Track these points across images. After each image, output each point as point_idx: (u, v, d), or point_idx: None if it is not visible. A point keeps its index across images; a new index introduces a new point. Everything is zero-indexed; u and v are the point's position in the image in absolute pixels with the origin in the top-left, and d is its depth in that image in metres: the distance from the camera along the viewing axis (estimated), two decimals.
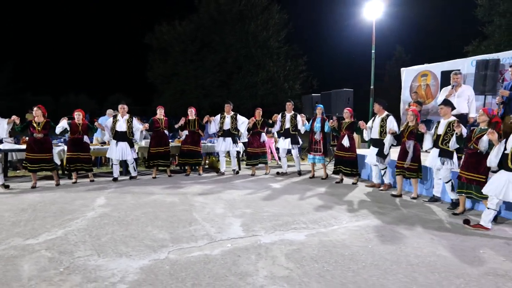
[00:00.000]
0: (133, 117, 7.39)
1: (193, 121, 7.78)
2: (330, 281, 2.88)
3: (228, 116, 8.01)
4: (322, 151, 7.36)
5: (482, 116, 4.43)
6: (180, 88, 21.88)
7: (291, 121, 7.76)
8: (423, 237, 3.95)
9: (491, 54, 7.49)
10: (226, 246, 3.62)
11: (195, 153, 7.87)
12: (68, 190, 6.24)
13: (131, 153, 7.31)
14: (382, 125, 6.23)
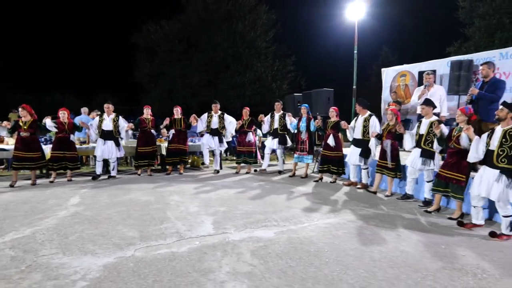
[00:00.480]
0: (119, 116, 7.38)
1: (179, 120, 7.82)
2: (291, 276, 2.93)
3: (215, 115, 8.08)
4: (307, 151, 7.40)
5: (460, 116, 4.53)
6: (167, 87, 21.76)
7: (280, 121, 7.84)
8: (390, 233, 4.04)
9: (465, 55, 7.65)
10: (194, 244, 3.64)
11: (183, 152, 7.94)
12: (43, 190, 6.17)
13: (117, 152, 7.31)
14: (365, 125, 6.29)
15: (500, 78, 5.19)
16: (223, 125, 8.08)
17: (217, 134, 8.04)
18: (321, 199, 5.66)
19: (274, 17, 22.88)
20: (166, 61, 21.54)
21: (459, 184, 4.48)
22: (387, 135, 5.72)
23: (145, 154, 7.63)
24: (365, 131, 6.29)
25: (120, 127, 7.28)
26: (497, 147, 3.88)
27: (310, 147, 7.42)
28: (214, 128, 8.01)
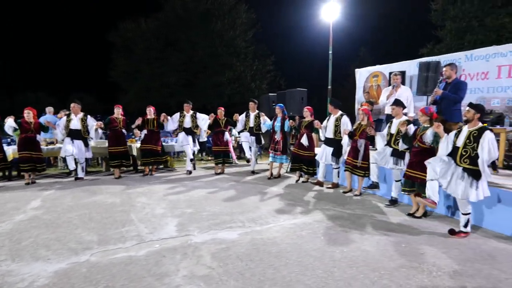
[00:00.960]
0: (87, 115, 7.15)
1: (152, 120, 7.67)
2: (248, 278, 2.89)
3: (188, 115, 7.98)
4: (281, 151, 7.34)
5: (422, 117, 4.62)
6: (144, 86, 21.38)
7: (255, 120, 7.85)
8: (354, 233, 4.06)
9: (433, 57, 7.84)
10: (154, 247, 3.55)
11: (155, 152, 7.77)
12: (2, 193, 5.91)
13: (85, 152, 7.09)
14: (337, 125, 6.32)
15: (462, 80, 5.32)
16: (196, 124, 7.98)
17: (190, 134, 7.95)
18: (291, 199, 5.65)
19: (254, 17, 22.91)
20: (143, 60, 21.16)
21: (423, 183, 4.51)
22: (361, 135, 5.75)
23: (118, 154, 7.42)
24: (337, 130, 6.32)
25: (89, 126, 7.07)
26: (461, 147, 3.93)
27: (284, 147, 7.35)
28: (187, 127, 7.91)
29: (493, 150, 3.69)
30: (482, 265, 3.24)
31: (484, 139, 3.72)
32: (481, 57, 7.10)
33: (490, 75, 6.97)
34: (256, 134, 7.91)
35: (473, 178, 3.77)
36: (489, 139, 3.71)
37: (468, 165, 3.83)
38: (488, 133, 3.75)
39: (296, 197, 5.82)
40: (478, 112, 3.87)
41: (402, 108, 5.29)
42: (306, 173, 7.04)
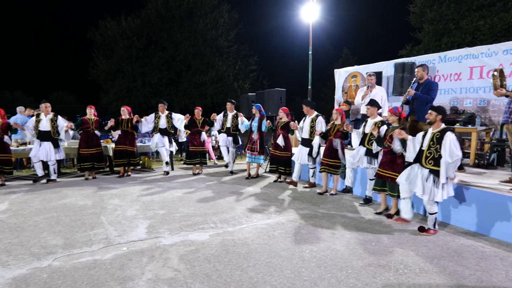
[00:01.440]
0: (57, 116, 6.92)
1: (126, 120, 7.53)
2: (214, 280, 2.85)
3: (163, 115, 7.86)
4: (258, 151, 7.31)
5: (391, 116, 4.73)
6: (125, 85, 20.98)
7: (233, 120, 7.83)
8: (325, 232, 4.08)
9: (409, 58, 7.98)
10: (121, 250, 3.47)
11: (130, 153, 7.61)
12: None
13: (55, 154, 6.84)
14: (312, 125, 6.36)
15: (433, 80, 5.43)
16: (172, 125, 7.89)
17: (166, 134, 7.85)
18: (267, 200, 5.64)
19: (237, 17, 22.83)
20: (124, 59, 20.77)
21: (394, 183, 4.58)
22: (336, 134, 5.81)
23: (88, 156, 7.22)
24: (312, 131, 6.37)
25: (59, 127, 6.83)
26: (426, 149, 4.02)
27: (261, 147, 7.35)
28: (163, 128, 7.81)
29: (455, 150, 3.74)
30: (448, 262, 3.30)
31: (446, 140, 3.79)
32: (454, 58, 7.27)
33: (463, 76, 7.15)
34: (233, 135, 7.90)
35: (438, 178, 3.87)
36: (450, 139, 3.78)
37: (433, 166, 3.93)
38: (449, 134, 3.83)
39: (271, 197, 5.81)
40: (440, 114, 3.97)
41: (377, 108, 5.32)
42: (282, 173, 7.04)
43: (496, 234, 3.98)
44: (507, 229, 3.87)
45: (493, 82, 4.19)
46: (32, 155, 6.73)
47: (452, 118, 6.65)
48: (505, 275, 3.07)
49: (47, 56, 35.23)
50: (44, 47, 36.06)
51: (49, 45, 35.79)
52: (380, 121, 5.11)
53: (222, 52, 22.25)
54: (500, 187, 4.36)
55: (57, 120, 6.83)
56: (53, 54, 35.29)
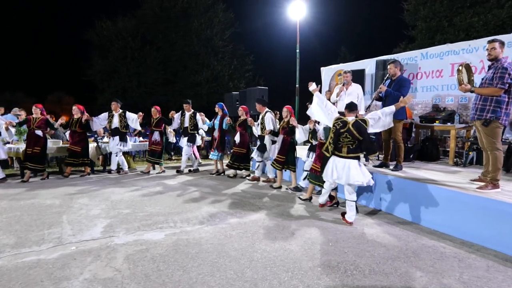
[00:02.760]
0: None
1: (76, 120, 7.33)
2: (152, 281, 2.79)
3: (116, 114, 7.71)
4: (216, 147, 7.65)
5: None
6: (121, 86, 21.04)
7: (190, 120, 7.86)
8: (285, 232, 3.99)
9: (391, 55, 7.86)
10: (69, 249, 3.41)
11: (77, 153, 7.38)
12: None
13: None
14: (262, 122, 6.67)
15: (405, 77, 5.31)
16: (125, 124, 7.68)
17: (118, 134, 7.65)
18: (237, 199, 5.57)
19: (232, 16, 22.78)
20: (119, 59, 20.83)
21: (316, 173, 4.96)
22: (281, 130, 6.17)
23: (29, 156, 6.90)
24: (263, 127, 6.65)
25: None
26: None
27: (221, 144, 7.64)
28: (115, 127, 7.63)
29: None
30: (402, 263, 3.21)
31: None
32: (435, 55, 7.16)
33: (444, 73, 7.04)
34: (191, 134, 7.97)
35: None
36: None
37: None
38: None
39: (243, 197, 5.74)
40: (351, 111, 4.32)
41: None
42: (236, 168, 7.29)
43: (460, 234, 3.88)
44: (471, 229, 3.76)
45: (458, 77, 4.08)
46: None
47: (431, 115, 6.53)
48: (458, 277, 2.97)
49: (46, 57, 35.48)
50: (43, 48, 36.30)
51: (48, 46, 36.01)
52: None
53: (218, 51, 22.24)
54: (467, 185, 4.26)
55: None
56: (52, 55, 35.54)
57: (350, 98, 5.95)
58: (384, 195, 4.88)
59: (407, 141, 6.82)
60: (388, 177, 4.87)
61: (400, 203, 4.64)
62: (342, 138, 4.18)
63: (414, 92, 7.55)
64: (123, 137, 7.69)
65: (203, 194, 5.84)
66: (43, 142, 7.05)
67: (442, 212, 4.09)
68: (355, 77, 8.15)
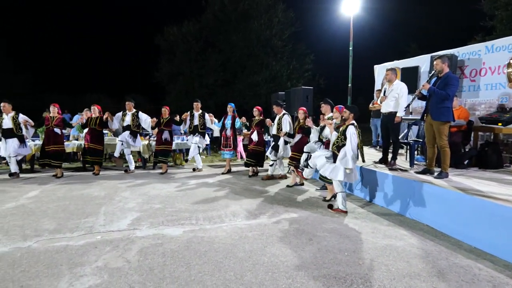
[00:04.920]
0: (19, 114, 7.32)
1: (95, 119, 7.72)
2: (153, 275, 2.91)
3: (129, 113, 7.97)
4: (232, 147, 7.92)
5: (335, 113, 5.31)
6: (184, 87, 22.25)
7: (200, 119, 8.04)
8: (303, 237, 3.85)
9: (449, 50, 7.06)
10: (95, 238, 3.72)
11: (96, 151, 7.75)
12: (14, 183, 6.64)
13: (20, 149, 7.31)
14: (279, 123, 6.99)
15: (453, 74, 4.70)
16: (137, 123, 7.92)
17: (130, 133, 7.91)
18: (267, 199, 5.51)
19: (292, 15, 22.57)
20: (183, 61, 22.04)
21: None
22: (298, 130, 6.45)
23: (47, 153, 7.39)
24: (279, 128, 6.97)
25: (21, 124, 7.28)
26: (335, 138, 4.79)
27: (234, 143, 7.94)
28: (126, 125, 7.90)
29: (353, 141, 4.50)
30: (420, 283, 2.88)
31: (348, 132, 4.53)
32: (503, 48, 6.27)
33: None
34: (201, 133, 8.11)
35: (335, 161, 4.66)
36: (350, 132, 4.51)
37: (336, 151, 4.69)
38: (351, 127, 4.56)
39: (273, 198, 5.66)
40: (352, 113, 4.68)
41: (330, 106, 5.88)
42: (252, 165, 7.56)
43: (505, 255, 3.35)
44: None
45: (508, 73, 3.50)
46: (1, 154, 7.27)
47: (493, 117, 5.75)
48: None
49: (123, 61, 39.42)
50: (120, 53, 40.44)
51: (125, 51, 40.00)
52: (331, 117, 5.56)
53: (277, 51, 22.23)
54: None
55: (18, 117, 7.24)
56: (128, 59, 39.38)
57: (389, 99, 5.51)
58: (422, 204, 4.42)
59: (464, 146, 6.09)
60: (427, 185, 4.40)
61: (439, 214, 4.16)
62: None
63: (477, 91, 6.69)
64: (135, 135, 7.98)
65: (235, 194, 5.90)
66: (61, 139, 7.66)
67: (486, 229, 3.57)
68: (408, 74, 7.59)
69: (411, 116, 6.97)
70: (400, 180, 4.90)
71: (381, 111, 5.79)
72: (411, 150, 5.80)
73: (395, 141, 5.64)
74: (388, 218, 4.62)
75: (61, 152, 7.61)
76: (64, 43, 38.28)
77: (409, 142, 5.99)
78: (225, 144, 7.95)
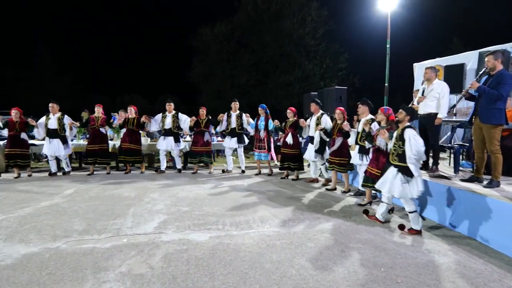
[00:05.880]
0: (64, 114, 7.54)
1: (132, 119, 7.80)
2: (176, 284, 2.79)
3: (169, 115, 7.99)
4: (266, 148, 7.73)
5: (379, 115, 4.77)
6: (217, 87, 22.42)
7: (237, 120, 7.88)
8: (335, 249, 3.59)
9: (502, 45, 6.43)
10: (121, 241, 3.69)
11: (134, 151, 7.85)
12: (51, 181, 6.88)
13: (64, 149, 7.51)
14: (318, 123, 6.59)
15: (507, 72, 4.21)
16: (177, 125, 7.94)
17: (171, 134, 7.92)
18: (296, 205, 5.29)
19: (326, 13, 22.03)
20: (216, 62, 22.21)
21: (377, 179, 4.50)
22: (338, 133, 6.03)
23: (93, 152, 7.67)
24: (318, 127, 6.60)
25: (66, 125, 7.49)
26: (392, 146, 4.15)
27: (268, 145, 7.72)
28: (168, 128, 7.91)
29: (414, 144, 3.81)
30: None
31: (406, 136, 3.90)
32: None
33: None
34: (238, 134, 7.95)
35: (404, 174, 3.93)
36: (409, 135, 3.88)
37: (398, 162, 4.01)
38: (409, 130, 3.94)
39: (304, 204, 5.42)
40: (408, 114, 4.05)
41: (368, 108, 5.43)
42: (292, 169, 7.32)
43: None
44: None
45: None
46: (46, 152, 7.50)
47: None
48: None
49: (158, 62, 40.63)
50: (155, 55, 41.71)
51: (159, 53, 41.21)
52: (371, 119, 5.21)
53: (310, 50, 21.81)
54: None
55: (64, 118, 7.44)
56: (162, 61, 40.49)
57: (428, 99, 5.09)
58: (469, 216, 4.01)
59: None
60: (475, 195, 3.97)
61: (490, 228, 3.74)
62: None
63: None
64: (177, 137, 8.02)
65: (264, 198, 5.72)
66: (106, 138, 7.92)
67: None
68: (452, 72, 7.05)
69: (455, 118, 6.47)
70: (443, 188, 4.48)
71: (418, 112, 5.37)
72: (456, 155, 5.33)
73: (435, 144, 5.20)
74: (429, 230, 4.24)
75: (107, 151, 7.90)
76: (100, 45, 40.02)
77: (453, 146, 5.52)
78: (258, 145, 7.82)
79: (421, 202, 4.83)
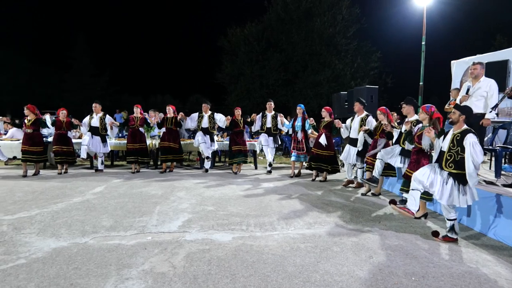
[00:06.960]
0: (106, 114, 7.91)
1: (171, 118, 7.98)
2: (197, 284, 2.76)
3: (206, 115, 8.06)
4: (305, 150, 7.51)
5: (421, 114, 4.44)
6: (245, 87, 22.47)
7: (272, 120, 7.81)
8: (362, 254, 3.43)
9: None
10: (145, 239, 3.73)
11: (174, 150, 8.02)
12: (83, 178, 7.13)
13: (103, 147, 7.87)
14: (362, 125, 6.23)
15: None
16: (213, 125, 8.03)
17: (208, 133, 8.03)
18: (322, 207, 5.13)
19: (358, 12, 21.48)
20: (245, 62, 22.27)
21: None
22: (381, 134, 5.71)
23: (133, 151, 7.91)
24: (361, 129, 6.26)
25: (107, 124, 7.79)
26: (446, 152, 3.72)
27: (306, 146, 7.52)
28: (205, 127, 7.99)
29: (474, 154, 3.42)
30: None
31: (466, 143, 3.50)
32: None
33: None
34: (274, 135, 7.89)
35: (459, 183, 3.58)
36: (470, 142, 3.47)
37: (454, 169, 3.63)
38: (470, 136, 3.51)
39: (331, 206, 5.25)
40: (463, 114, 3.64)
41: (413, 107, 5.13)
42: (326, 171, 7.13)
43: None
44: None
45: None
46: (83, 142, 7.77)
47: None
48: None
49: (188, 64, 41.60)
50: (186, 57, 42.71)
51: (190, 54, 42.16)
52: (416, 120, 4.92)
53: (340, 50, 21.34)
54: None
55: (105, 118, 7.81)
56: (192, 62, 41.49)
57: (475, 98, 4.76)
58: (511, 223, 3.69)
59: None
60: None
61: None
62: None
63: None
64: (212, 137, 8.18)
65: (290, 199, 5.62)
66: (145, 138, 8.17)
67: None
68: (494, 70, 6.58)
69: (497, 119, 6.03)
70: (483, 193, 4.17)
71: None
72: (498, 158, 4.96)
73: None
74: (466, 238, 3.95)
75: (146, 150, 8.17)
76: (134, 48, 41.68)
77: (495, 148, 5.14)
78: (296, 147, 7.63)
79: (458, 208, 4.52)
